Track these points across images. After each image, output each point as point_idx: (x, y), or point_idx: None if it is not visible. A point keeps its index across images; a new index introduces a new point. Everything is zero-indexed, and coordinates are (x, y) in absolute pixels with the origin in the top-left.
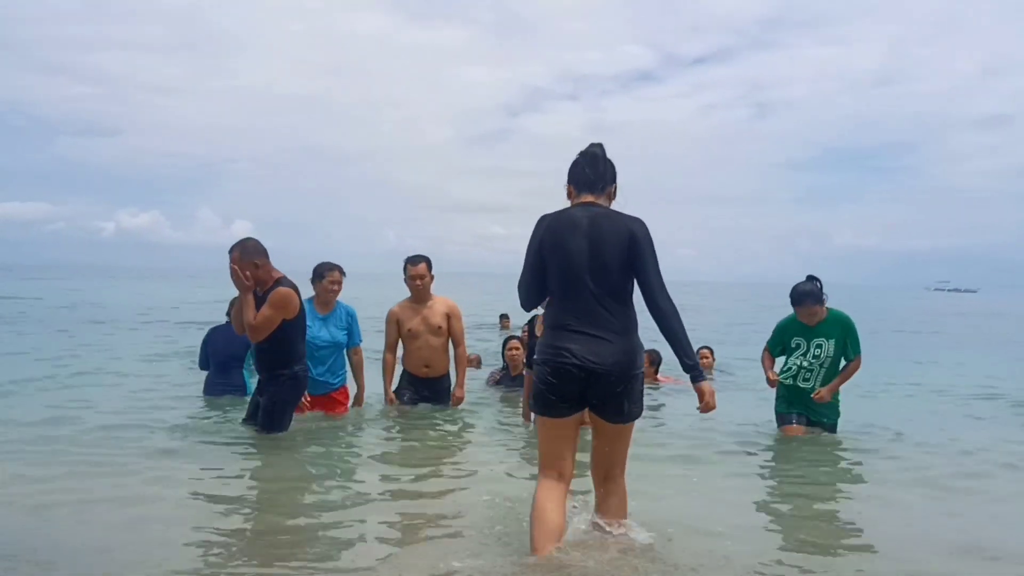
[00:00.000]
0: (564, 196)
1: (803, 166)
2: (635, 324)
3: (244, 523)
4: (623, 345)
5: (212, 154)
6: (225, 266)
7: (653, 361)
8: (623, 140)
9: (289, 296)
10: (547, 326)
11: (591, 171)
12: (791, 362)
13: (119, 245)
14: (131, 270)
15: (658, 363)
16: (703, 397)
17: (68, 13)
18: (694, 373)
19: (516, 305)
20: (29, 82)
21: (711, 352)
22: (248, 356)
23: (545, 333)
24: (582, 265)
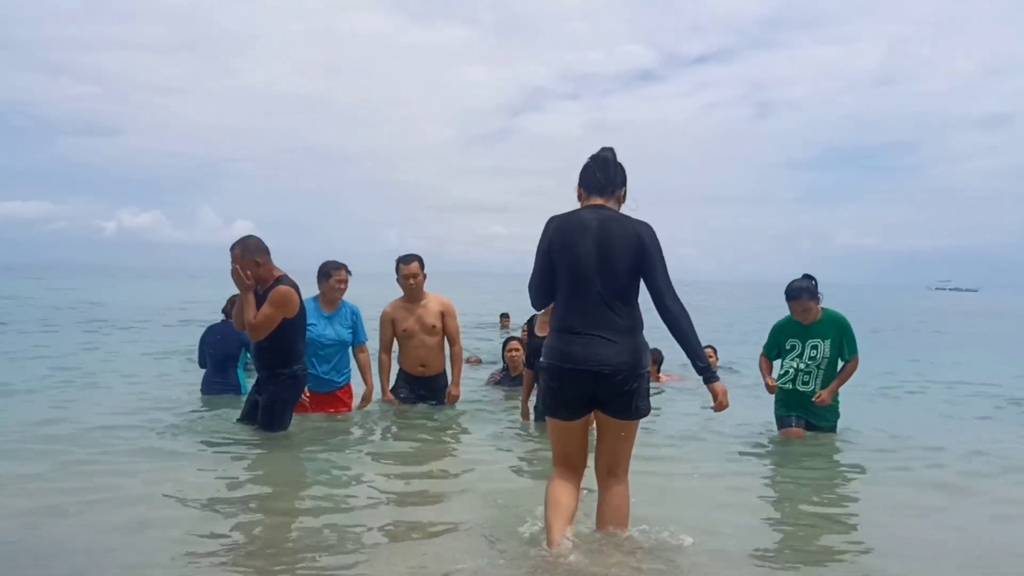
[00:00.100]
0: (565, 195)
1: (804, 166)
2: (641, 324)
3: (243, 524)
4: (629, 345)
5: (213, 154)
6: (226, 265)
7: (656, 360)
8: (624, 139)
9: (289, 294)
10: (553, 328)
11: (602, 175)
12: (788, 365)
13: (120, 244)
14: (132, 269)
15: (660, 362)
16: (716, 397)
17: (69, 13)
18: (707, 374)
19: (517, 304)
20: (30, 82)
21: (715, 351)
22: (242, 355)
23: (551, 336)
24: (590, 267)
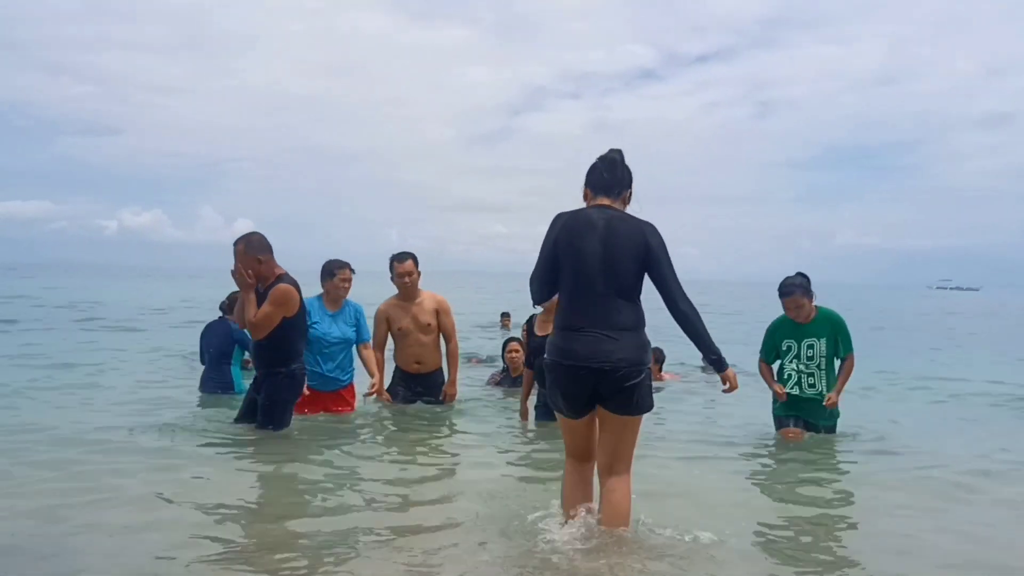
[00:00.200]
0: (566, 195)
1: (804, 165)
2: (643, 321)
3: (243, 525)
4: (631, 341)
5: (214, 153)
6: (226, 264)
7: (657, 359)
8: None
9: (289, 293)
10: (556, 327)
11: (609, 175)
12: (788, 369)
13: (121, 244)
14: (133, 269)
15: (662, 361)
16: (727, 381)
17: (70, 13)
18: (719, 365)
19: (517, 304)
20: (31, 82)
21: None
22: (236, 352)
23: (554, 333)
24: (595, 266)
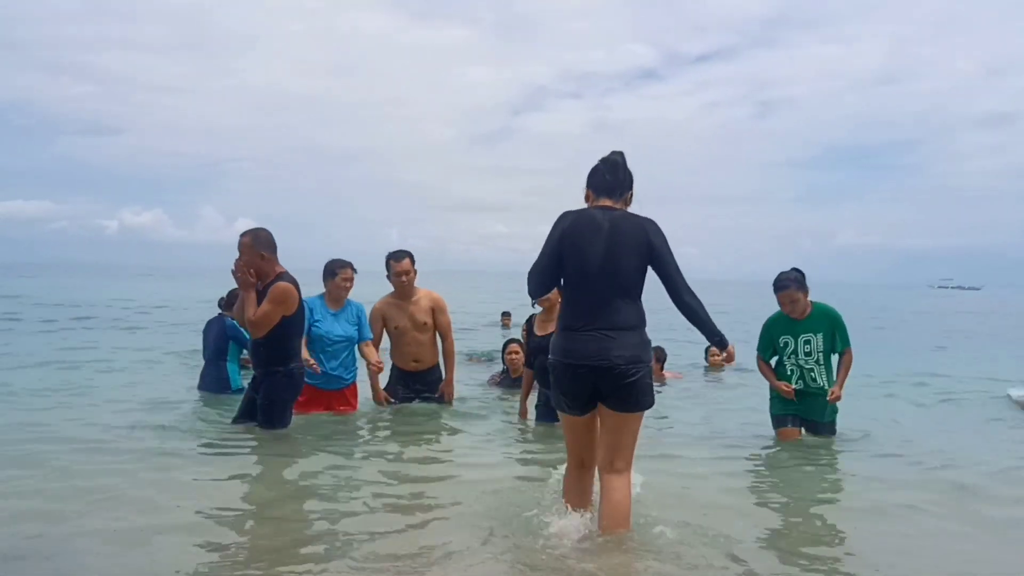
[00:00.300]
0: (567, 194)
1: (805, 164)
2: (643, 320)
3: (242, 527)
4: (631, 339)
5: (215, 153)
6: (227, 263)
7: (659, 358)
8: (625, 139)
9: (289, 291)
10: (559, 327)
11: (611, 177)
12: (787, 366)
13: (122, 243)
14: (134, 268)
15: (663, 360)
16: (726, 355)
17: (71, 13)
18: (721, 343)
19: (518, 303)
20: (32, 81)
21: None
22: (232, 349)
23: (557, 334)
24: (598, 266)
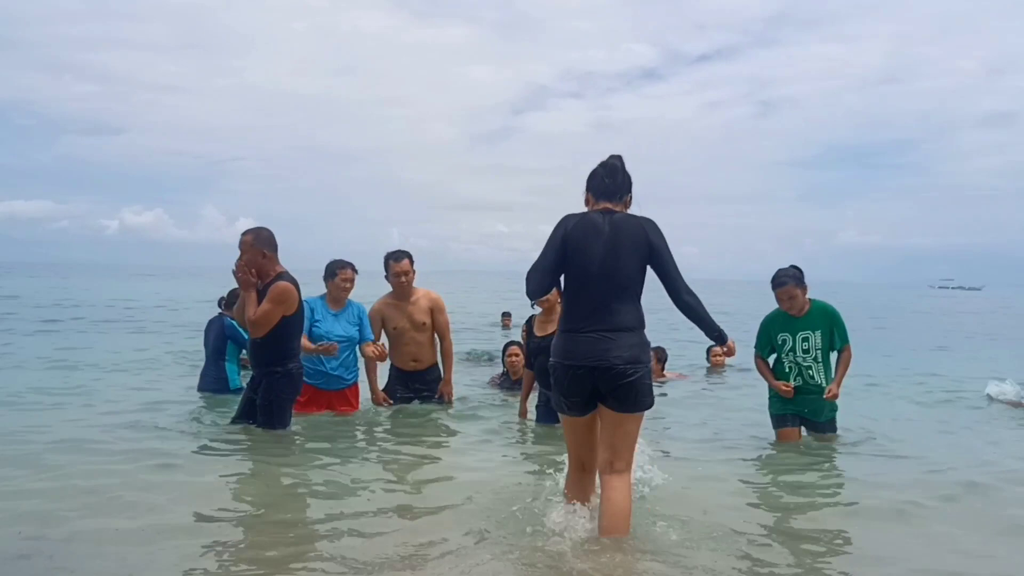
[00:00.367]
0: (568, 194)
1: (807, 164)
2: (642, 322)
3: (242, 529)
4: (628, 340)
5: (216, 152)
6: (228, 263)
7: (660, 359)
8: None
9: (288, 290)
10: (560, 328)
11: (610, 181)
12: (786, 363)
13: (123, 243)
14: (135, 268)
15: (664, 360)
16: (726, 349)
17: (73, 12)
18: (720, 339)
19: (519, 303)
20: (34, 81)
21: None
22: (231, 349)
23: (558, 335)
24: (599, 268)
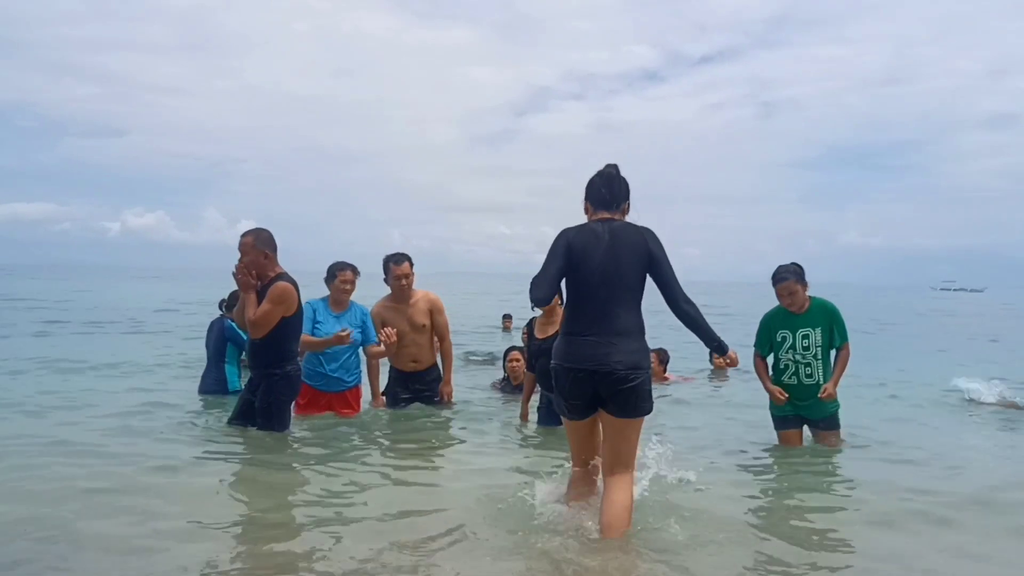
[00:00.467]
0: (569, 196)
1: (809, 165)
2: (642, 328)
3: (240, 531)
4: (628, 346)
5: (218, 154)
6: (230, 265)
7: (662, 360)
8: (628, 139)
9: (288, 291)
10: (562, 332)
11: (607, 191)
12: (784, 360)
13: (124, 245)
14: (137, 270)
15: (666, 362)
16: (727, 360)
17: (74, 14)
18: (720, 349)
19: (519, 304)
20: (36, 83)
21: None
22: (230, 351)
23: (560, 339)
24: (600, 274)
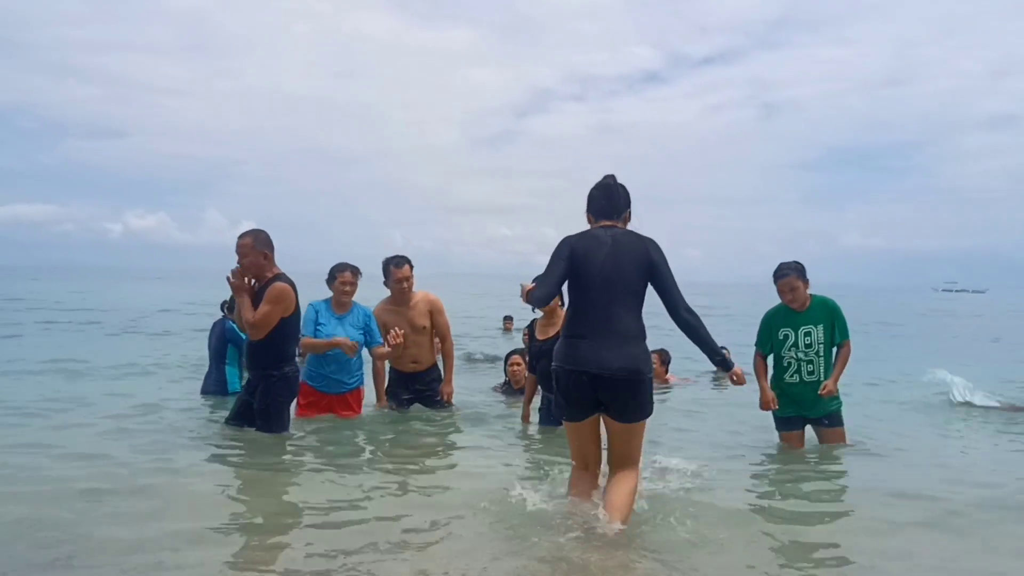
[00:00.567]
0: (570, 197)
1: (810, 166)
2: (643, 333)
3: (239, 534)
4: (630, 351)
5: (219, 156)
6: (231, 266)
7: (664, 360)
8: (629, 141)
9: (286, 291)
10: (563, 334)
11: (607, 202)
12: (787, 358)
13: (126, 247)
14: (138, 271)
15: (668, 362)
16: (734, 376)
17: (76, 15)
18: (724, 365)
19: (519, 307)
20: (37, 84)
21: (727, 352)
22: (231, 352)
23: (561, 341)
24: (602, 280)
